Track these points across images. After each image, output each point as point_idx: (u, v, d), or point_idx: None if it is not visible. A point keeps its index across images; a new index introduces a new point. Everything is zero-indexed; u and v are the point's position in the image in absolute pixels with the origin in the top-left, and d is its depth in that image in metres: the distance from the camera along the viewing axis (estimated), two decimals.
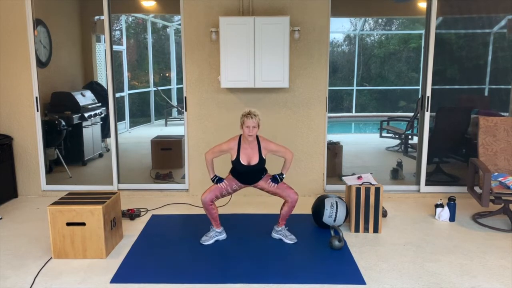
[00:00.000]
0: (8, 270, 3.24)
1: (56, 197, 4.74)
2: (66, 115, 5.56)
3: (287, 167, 3.63)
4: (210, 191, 3.59)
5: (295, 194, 3.60)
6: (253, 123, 3.39)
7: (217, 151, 3.57)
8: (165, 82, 8.98)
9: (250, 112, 3.42)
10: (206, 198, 3.57)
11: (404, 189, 5.05)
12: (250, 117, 3.39)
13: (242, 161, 3.51)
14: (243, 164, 3.51)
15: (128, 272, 3.19)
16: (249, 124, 3.39)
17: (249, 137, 3.42)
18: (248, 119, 3.39)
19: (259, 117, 3.45)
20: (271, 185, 3.59)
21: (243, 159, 3.51)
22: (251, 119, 3.39)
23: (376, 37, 9.42)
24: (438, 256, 3.44)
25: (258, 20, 4.41)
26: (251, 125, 3.39)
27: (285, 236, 3.71)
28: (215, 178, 3.62)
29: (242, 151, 3.51)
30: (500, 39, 5.34)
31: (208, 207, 3.59)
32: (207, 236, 3.70)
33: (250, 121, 3.39)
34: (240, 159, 3.50)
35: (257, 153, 3.51)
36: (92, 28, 6.47)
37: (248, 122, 3.39)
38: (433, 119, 5.05)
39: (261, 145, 3.52)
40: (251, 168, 3.53)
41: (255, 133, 3.43)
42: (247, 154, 3.51)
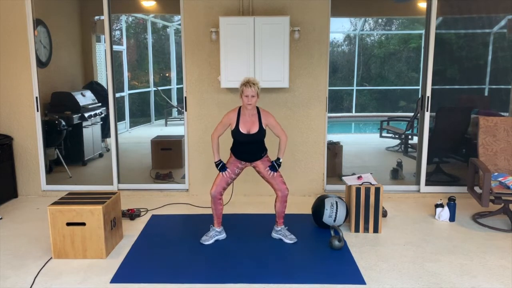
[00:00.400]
0: (8, 270, 3.24)
1: (56, 197, 4.73)
2: (66, 115, 5.57)
3: (283, 150, 3.63)
4: (217, 184, 3.59)
5: (286, 189, 3.61)
6: (252, 92, 3.38)
7: (220, 128, 3.58)
8: (165, 82, 8.99)
9: (249, 80, 3.41)
10: (216, 191, 3.58)
11: (404, 189, 5.05)
12: (249, 86, 3.38)
13: (242, 129, 3.49)
14: (242, 132, 3.49)
15: (128, 272, 3.19)
16: (248, 93, 3.38)
17: (248, 105, 3.42)
18: (247, 88, 3.38)
19: (258, 85, 3.44)
20: (269, 172, 3.59)
21: (242, 128, 3.50)
22: (250, 88, 3.38)
23: (376, 37, 9.42)
24: (438, 256, 3.44)
25: (258, 20, 4.41)
26: (250, 94, 3.38)
27: (285, 236, 3.71)
28: (220, 164, 3.60)
29: (242, 121, 3.50)
30: (500, 39, 5.34)
31: (217, 202, 3.61)
32: (207, 235, 3.70)
33: (249, 90, 3.38)
34: (240, 128, 3.49)
35: (257, 123, 3.51)
36: (92, 28, 6.48)
37: (247, 91, 3.38)
38: (433, 119, 5.05)
39: (261, 115, 3.52)
40: (251, 137, 3.51)
41: (254, 101, 3.42)
42: (246, 123, 3.50)
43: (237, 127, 3.51)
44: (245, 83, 3.42)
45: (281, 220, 3.72)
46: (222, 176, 3.60)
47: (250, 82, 3.40)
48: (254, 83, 3.40)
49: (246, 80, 3.43)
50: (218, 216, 3.69)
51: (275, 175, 3.60)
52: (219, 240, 3.73)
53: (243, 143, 3.55)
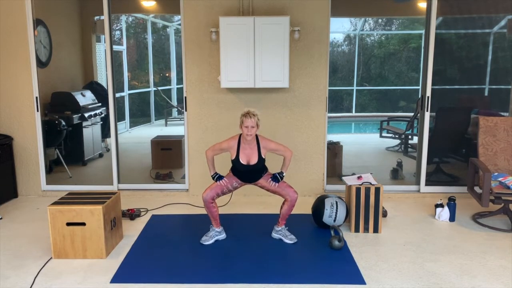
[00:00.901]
0: (8, 270, 3.24)
1: (56, 197, 4.73)
2: (66, 115, 5.56)
3: (287, 165, 3.64)
4: (211, 189, 3.59)
5: (295, 193, 3.60)
6: (252, 123, 3.40)
7: (217, 149, 3.59)
8: (165, 82, 8.98)
9: (249, 112, 3.42)
10: (208, 196, 3.57)
11: (404, 189, 5.04)
12: (248, 117, 3.39)
13: (242, 160, 3.51)
14: (242, 163, 3.52)
15: (128, 272, 3.19)
16: (247, 124, 3.40)
17: (248, 136, 3.43)
18: (247, 119, 3.39)
19: (258, 116, 3.45)
20: (271, 184, 3.59)
21: (242, 159, 3.51)
22: (249, 119, 3.39)
23: (376, 37, 9.42)
24: (438, 256, 3.44)
25: (258, 20, 4.40)
26: (249, 125, 3.39)
27: (285, 236, 3.71)
28: (216, 176, 3.63)
29: (242, 151, 3.51)
30: (500, 39, 5.34)
31: (209, 205, 3.59)
32: (207, 236, 3.70)
33: (249, 121, 3.39)
34: (240, 159, 3.51)
35: (256, 153, 3.51)
36: (92, 28, 6.47)
37: (247, 122, 3.40)
38: (433, 119, 5.05)
39: (260, 144, 3.53)
40: (250, 167, 3.54)
41: (253, 132, 3.43)
42: (246, 154, 3.52)
43: (237, 157, 3.52)
44: (245, 114, 3.41)
45: (283, 221, 3.73)
46: (219, 184, 3.60)
47: (250, 113, 3.40)
48: (254, 114, 3.40)
49: (246, 111, 3.43)
50: (215, 218, 3.69)
51: (279, 184, 3.60)
52: (219, 240, 3.73)
53: (242, 171, 3.58)
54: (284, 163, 3.63)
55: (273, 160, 4.01)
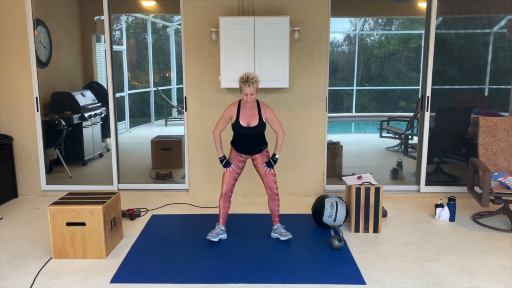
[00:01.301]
0: (8, 270, 3.24)
1: (56, 197, 4.73)
2: (66, 115, 5.57)
3: (279, 147, 3.64)
4: (226, 183, 3.62)
5: (275, 188, 3.65)
6: (251, 91, 3.38)
7: (221, 122, 3.59)
8: (165, 82, 8.99)
9: (247, 78, 3.38)
10: (227, 189, 3.62)
11: (404, 189, 5.04)
12: (247, 85, 3.37)
13: (242, 122, 3.50)
14: (242, 125, 3.50)
15: (128, 272, 3.19)
16: (247, 91, 3.38)
17: (248, 103, 3.44)
18: (246, 87, 3.37)
19: (258, 82, 3.42)
20: (264, 168, 3.62)
21: (242, 121, 3.51)
22: (248, 87, 3.37)
23: (376, 37, 9.42)
24: (438, 256, 3.44)
25: (258, 20, 4.40)
26: (249, 93, 3.38)
27: (280, 234, 3.71)
28: (224, 159, 3.62)
29: (242, 114, 3.51)
30: (500, 39, 5.34)
31: (227, 200, 3.65)
32: (213, 233, 3.70)
33: (248, 89, 3.37)
34: (240, 121, 3.51)
35: (257, 116, 3.52)
36: (92, 28, 6.48)
37: (246, 89, 3.38)
38: (433, 119, 5.05)
39: (261, 109, 3.53)
40: (251, 130, 3.52)
41: (253, 99, 3.44)
42: (246, 116, 3.51)
43: (237, 120, 3.52)
44: (244, 81, 3.40)
45: (276, 219, 3.74)
46: (229, 172, 3.62)
47: (249, 81, 3.37)
48: (252, 82, 3.38)
49: (245, 78, 3.40)
50: (225, 215, 3.72)
51: (268, 173, 3.62)
52: (220, 239, 3.73)
53: (243, 136, 3.56)
54: (277, 143, 3.63)
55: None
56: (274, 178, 3.67)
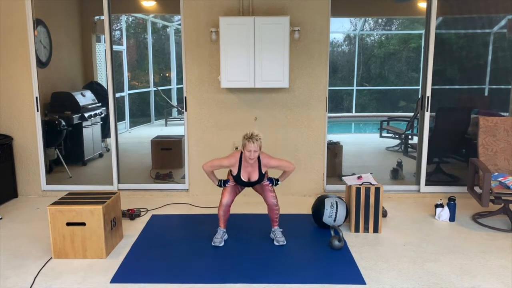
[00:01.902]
0: (8, 270, 3.24)
1: (56, 197, 4.73)
2: (66, 115, 5.57)
3: (284, 178, 3.65)
4: (226, 197, 3.58)
5: (273, 198, 3.60)
6: (255, 148, 3.33)
7: (217, 165, 3.52)
8: (165, 82, 8.99)
9: (252, 136, 3.34)
10: (229, 200, 3.58)
11: (404, 189, 5.04)
12: (251, 142, 3.31)
13: (243, 178, 3.51)
14: (243, 180, 3.52)
15: (128, 272, 3.19)
16: (250, 148, 3.32)
17: (250, 160, 3.38)
18: (250, 144, 3.32)
19: (261, 140, 3.38)
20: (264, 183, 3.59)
21: (243, 176, 3.51)
22: (252, 144, 3.31)
23: (376, 37, 9.43)
24: (438, 256, 3.44)
25: (258, 20, 4.40)
26: (252, 149, 3.32)
27: (274, 237, 3.69)
28: (221, 183, 3.61)
29: (243, 169, 3.49)
30: (500, 39, 5.34)
31: (227, 210, 3.61)
32: (218, 237, 3.66)
33: (252, 146, 3.32)
34: (241, 176, 3.50)
35: (257, 170, 3.49)
36: (92, 28, 6.48)
37: (250, 146, 3.32)
38: (433, 119, 5.05)
39: (261, 162, 3.49)
40: (251, 183, 3.56)
41: (256, 156, 3.37)
42: (247, 172, 3.50)
43: (238, 174, 3.50)
44: (248, 138, 3.34)
45: (274, 223, 3.72)
46: (230, 188, 3.60)
47: (253, 138, 3.32)
48: (257, 139, 3.33)
49: (249, 135, 3.35)
50: (225, 220, 3.70)
51: (266, 189, 3.59)
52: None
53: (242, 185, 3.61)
54: (283, 175, 3.62)
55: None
56: (274, 194, 3.62)
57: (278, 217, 3.69)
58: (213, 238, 3.67)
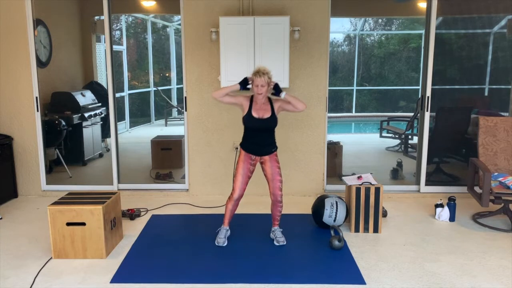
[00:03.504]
0: (8, 270, 3.24)
1: (56, 197, 4.73)
2: (66, 115, 5.57)
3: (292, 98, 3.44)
4: (238, 188, 3.51)
5: (280, 195, 3.57)
6: (262, 82, 3.30)
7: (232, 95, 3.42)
8: (165, 82, 8.99)
9: (259, 70, 3.33)
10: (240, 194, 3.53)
11: (404, 189, 5.04)
12: (259, 76, 3.30)
13: (254, 114, 3.42)
14: (255, 117, 3.41)
15: (128, 272, 3.19)
16: (258, 82, 3.30)
17: (259, 95, 3.35)
18: (257, 78, 3.30)
19: (270, 75, 3.35)
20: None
21: (255, 113, 3.42)
22: (260, 78, 3.29)
23: (376, 37, 9.43)
24: (438, 256, 3.44)
25: (258, 20, 4.40)
26: (259, 84, 3.30)
27: (274, 237, 3.69)
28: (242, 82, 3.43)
29: (254, 107, 3.43)
30: (500, 39, 5.34)
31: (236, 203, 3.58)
32: (221, 237, 3.66)
33: (259, 80, 3.29)
34: (252, 113, 3.42)
35: (269, 110, 3.43)
36: (92, 28, 6.48)
37: (257, 80, 3.30)
38: (433, 119, 5.05)
39: (273, 103, 3.46)
40: (263, 123, 3.43)
41: (264, 91, 3.35)
42: (259, 110, 3.43)
43: (249, 112, 3.43)
44: (255, 72, 3.34)
45: (276, 222, 3.72)
46: (241, 177, 3.52)
47: (261, 72, 3.32)
48: (264, 73, 3.32)
49: (256, 70, 3.35)
50: (231, 216, 3.68)
51: (276, 178, 3.55)
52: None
53: (255, 130, 3.48)
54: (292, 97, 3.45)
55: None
56: (281, 185, 3.59)
57: (280, 215, 3.68)
58: (217, 238, 3.67)
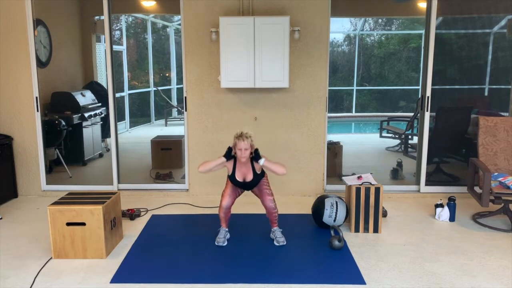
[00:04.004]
0: (8, 270, 3.24)
1: (56, 197, 4.73)
2: (66, 115, 5.57)
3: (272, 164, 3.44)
4: (226, 200, 3.58)
5: (271, 201, 3.58)
6: (245, 146, 3.35)
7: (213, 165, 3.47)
8: (165, 82, 8.99)
9: (242, 134, 3.36)
10: (229, 203, 3.59)
11: (404, 189, 5.04)
12: (241, 140, 3.34)
13: (238, 178, 3.52)
14: (238, 180, 3.54)
15: (128, 272, 3.19)
16: (240, 146, 3.35)
17: (243, 159, 3.40)
18: (240, 142, 3.35)
19: (252, 138, 3.39)
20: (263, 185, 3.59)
21: (238, 177, 3.52)
22: (242, 142, 3.34)
23: (376, 37, 9.43)
24: (438, 256, 3.44)
25: (258, 20, 4.40)
26: (243, 148, 3.35)
27: (274, 237, 3.69)
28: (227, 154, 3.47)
29: (238, 169, 3.51)
30: (500, 39, 5.34)
31: (227, 212, 3.62)
32: (221, 237, 3.67)
33: (242, 144, 3.34)
34: (236, 176, 3.52)
35: (251, 171, 3.50)
36: (92, 28, 6.48)
37: (240, 144, 3.35)
38: (433, 119, 5.05)
39: (254, 163, 3.50)
40: (247, 184, 3.56)
41: (247, 155, 3.39)
42: (242, 172, 3.52)
43: (233, 174, 3.52)
44: (238, 136, 3.37)
45: (274, 224, 3.72)
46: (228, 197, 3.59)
47: (243, 136, 3.35)
48: (247, 136, 3.35)
49: (239, 134, 3.37)
50: (226, 220, 3.71)
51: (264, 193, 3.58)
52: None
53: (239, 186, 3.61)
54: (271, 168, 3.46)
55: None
56: (272, 198, 3.60)
57: (277, 218, 3.69)
58: (216, 238, 3.68)
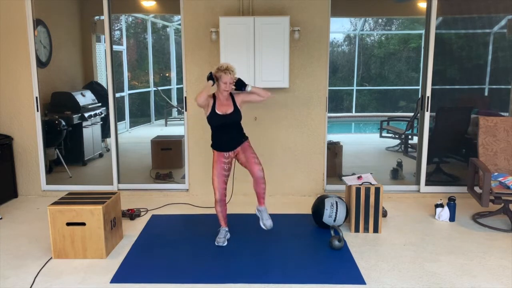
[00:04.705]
0: (8, 270, 3.24)
1: (56, 197, 4.72)
2: (66, 115, 5.57)
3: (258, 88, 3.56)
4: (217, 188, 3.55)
5: (260, 171, 3.55)
6: (231, 79, 3.44)
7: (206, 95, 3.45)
8: (165, 82, 8.99)
9: (227, 67, 3.44)
10: (221, 194, 3.56)
11: (404, 189, 5.04)
12: (228, 73, 3.42)
13: (218, 111, 3.51)
14: (218, 113, 3.50)
15: (128, 272, 3.19)
16: (226, 80, 3.43)
17: (225, 92, 3.48)
18: (226, 75, 3.42)
19: (235, 72, 3.49)
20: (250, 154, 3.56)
21: (219, 110, 3.51)
22: (229, 75, 3.43)
23: (376, 37, 9.43)
24: (438, 256, 3.44)
25: (258, 20, 4.41)
26: (228, 81, 3.43)
27: (261, 218, 3.68)
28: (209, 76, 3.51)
29: (218, 104, 3.52)
30: (500, 39, 5.34)
31: (223, 204, 3.61)
32: (221, 237, 3.67)
33: (228, 78, 3.42)
34: (217, 110, 3.50)
35: (231, 104, 3.54)
36: (92, 28, 6.48)
37: (226, 78, 3.42)
38: (433, 119, 5.05)
39: (234, 97, 3.56)
40: (227, 118, 3.51)
41: (230, 88, 3.48)
42: (222, 106, 3.52)
43: (213, 110, 3.51)
44: (224, 69, 3.43)
45: (261, 200, 3.68)
46: (217, 177, 3.55)
47: (229, 70, 3.43)
48: (232, 70, 3.45)
49: (225, 67, 3.44)
50: (225, 217, 3.70)
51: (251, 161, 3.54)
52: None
53: (221, 127, 3.55)
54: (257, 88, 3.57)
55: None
56: (260, 167, 3.56)
57: (265, 193, 3.65)
58: (216, 238, 3.67)
